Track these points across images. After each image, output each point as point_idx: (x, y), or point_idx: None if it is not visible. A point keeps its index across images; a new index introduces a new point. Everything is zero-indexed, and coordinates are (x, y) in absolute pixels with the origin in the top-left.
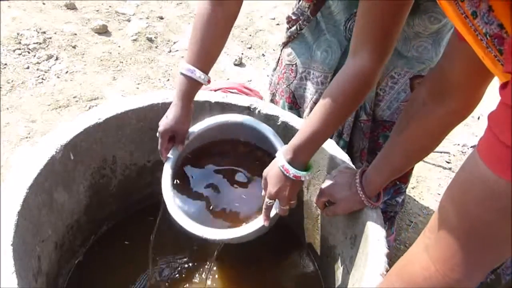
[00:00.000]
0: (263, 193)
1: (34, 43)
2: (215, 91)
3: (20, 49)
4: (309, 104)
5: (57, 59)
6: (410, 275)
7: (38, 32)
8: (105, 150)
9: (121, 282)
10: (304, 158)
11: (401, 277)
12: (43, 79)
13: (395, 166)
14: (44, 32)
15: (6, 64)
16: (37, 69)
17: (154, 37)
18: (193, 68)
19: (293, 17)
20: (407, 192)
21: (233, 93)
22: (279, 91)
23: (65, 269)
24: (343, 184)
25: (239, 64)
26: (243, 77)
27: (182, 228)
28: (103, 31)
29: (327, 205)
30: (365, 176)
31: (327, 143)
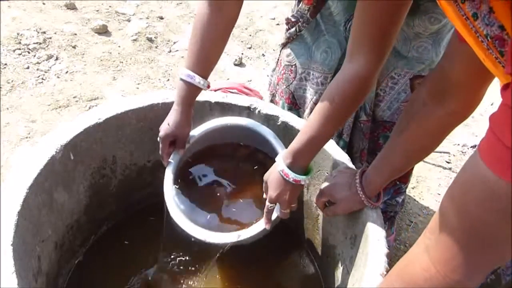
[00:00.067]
0: (264, 196)
1: (34, 43)
2: (215, 91)
3: (20, 49)
4: (309, 105)
5: (57, 59)
6: (410, 275)
7: (38, 32)
8: (105, 150)
9: (121, 282)
10: (303, 162)
11: (401, 277)
12: (43, 79)
13: (395, 166)
14: (44, 32)
15: (6, 64)
16: (37, 69)
17: (154, 37)
18: (192, 74)
19: (293, 19)
20: (407, 192)
21: (233, 93)
22: (279, 91)
23: (65, 269)
24: (343, 184)
25: (239, 64)
26: (243, 77)
27: (184, 232)
28: (103, 31)
29: (327, 205)
30: (365, 176)
31: (327, 143)
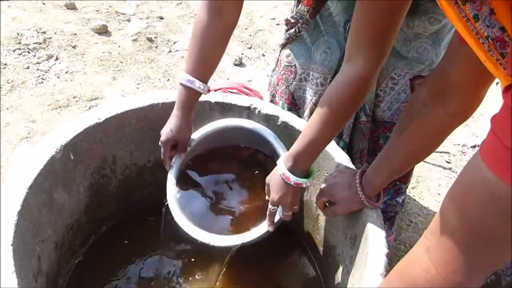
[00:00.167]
0: (267, 198)
1: (34, 43)
2: (215, 91)
3: (20, 49)
4: (309, 106)
5: (57, 59)
6: (411, 276)
7: (38, 32)
8: (105, 150)
9: (121, 282)
10: (304, 165)
11: (401, 278)
12: (43, 79)
13: (395, 167)
14: (44, 32)
15: (6, 64)
16: (37, 69)
17: (154, 37)
18: (192, 79)
19: (292, 20)
20: (407, 192)
21: (233, 93)
22: (279, 92)
23: (65, 269)
24: (343, 185)
25: (239, 64)
26: (243, 77)
27: (188, 235)
28: (103, 31)
29: (327, 205)
30: (365, 176)
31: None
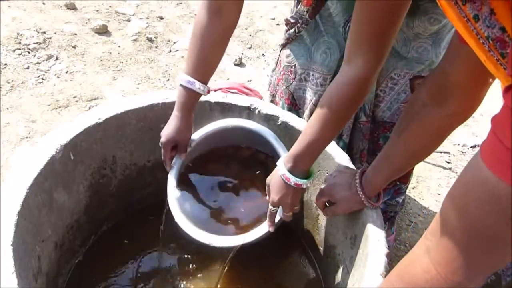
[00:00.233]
0: (267, 198)
1: (34, 43)
2: (215, 91)
3: (20, 49)
4: (309, 106)
5: (57, 59)
6: (411, 276)
7: (38, 32)
8: (105, 150)
9: (121, 282)
10: (304, 166)
11: (401, 278)
12: (43, 79)
13: (395, 167)
14: (44, 32)
15: (6, 64)
16: (37, 69)
17: (154, 37)
18: (192, 80)
19: (292, 20)
20: (407, 192)
21: (233, 93)
22: (279, 92)
23: (65, 269)
24: (343, 185)
25: (239, 64)
26: (243, 77)
27: (189, 235)
28: (103, 31)
29: (327, 205)
30: (365, 176)
31: None
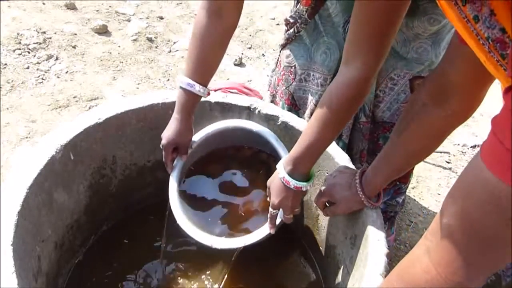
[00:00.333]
0: (268, 200)
1: (34, 43)
2: (215, 91)
3: (20, 49)
4: (309, 106)
5: (57, 59)
6: (411, 277)
7: (38, 32)
8: (105, 150)
9: (121, 281)
10: (304, 169)
11: (402, 278)
12: (43, 79)
13: (395, 167)
14: (44, 32)
15: (6, 64)
16: (37, 69)
17: (154, 37)
18: (192, 82)
19: (291, 20)
20: (407, 192)
21: (233, 93)
22: (279, 92)
23: (65, 269)
24: (343, 185)
25: (239, 64)
26: (243, 77)
27: (190, 237)
28: (103, 31)
29: (327, 205)
30: (365, 176)
31: None
